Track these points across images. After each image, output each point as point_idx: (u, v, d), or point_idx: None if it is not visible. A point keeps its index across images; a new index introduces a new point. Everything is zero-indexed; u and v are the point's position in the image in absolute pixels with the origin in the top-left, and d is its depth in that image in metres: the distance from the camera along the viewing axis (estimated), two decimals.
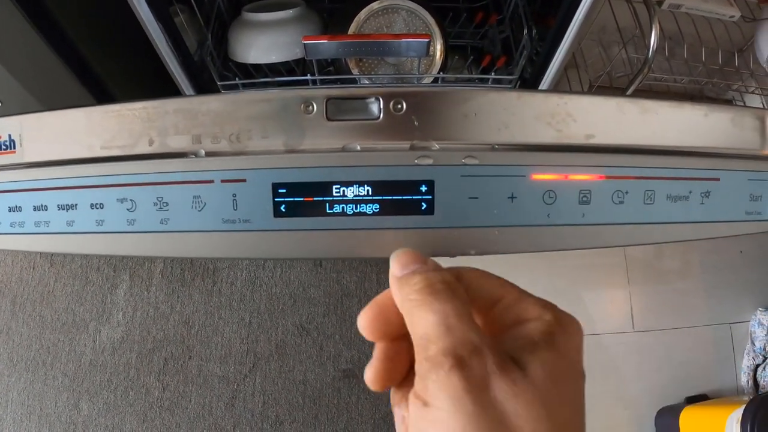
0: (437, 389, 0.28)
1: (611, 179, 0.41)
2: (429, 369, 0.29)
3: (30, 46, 0.89)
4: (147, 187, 0.39)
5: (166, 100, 0.39)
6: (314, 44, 0.83)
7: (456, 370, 0.28)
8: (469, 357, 0.28)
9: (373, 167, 0.38)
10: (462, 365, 0.28)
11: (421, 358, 0.30)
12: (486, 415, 0.27)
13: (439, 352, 0.29)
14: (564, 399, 0.29)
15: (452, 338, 0.29)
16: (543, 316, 0.32)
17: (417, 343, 0.31)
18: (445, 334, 0.30)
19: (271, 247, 0.39)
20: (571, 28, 0.85)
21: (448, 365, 0.28)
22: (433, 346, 0.29)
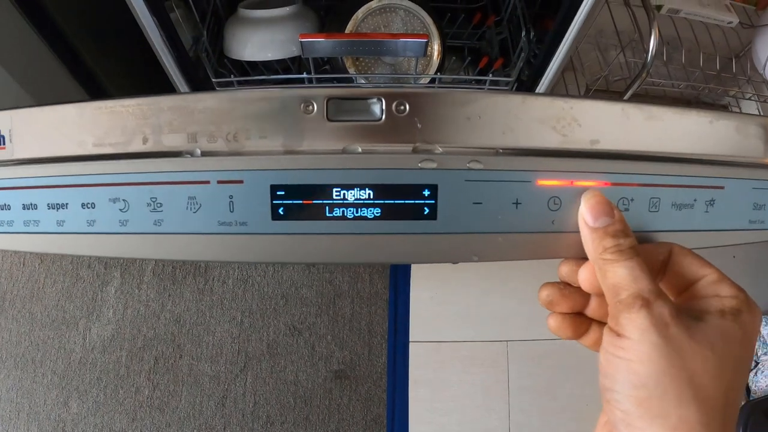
0: (628, 323, 0.35)
1: (617, 186, 0.40)
2: (621, 309, 0.36)
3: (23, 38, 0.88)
4: (140, 186, 0.38)
5: (161, 96, 0.38)
6: (311, 42, 0.83)
7: (644, 308, 0.35)
8: (654, 300, 0.35)
9: (375, 170, 0.37)
10: (648, 305, 0.35)
11: (615, 301, 0.37)
12: (667, 345, 0.34)
13: (630, 295, 0.36)
14: (729, 358, 0.36)
15: (640, 285, 0.36)
16: (738, 296, 0.38)
17: (609, 290, 0.38)
18: (634, 282, 0.36)
19: (269, 250, 0.38)
20: (570, 31, 0.85)
21: (638, 305, 0.35)
22: (625, 291, 0.36)
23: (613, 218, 0.39)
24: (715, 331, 0.36)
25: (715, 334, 0.36)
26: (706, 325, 0.36)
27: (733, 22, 1.19)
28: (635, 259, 0.38)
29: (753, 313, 0.38)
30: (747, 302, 0.38)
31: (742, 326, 0.37)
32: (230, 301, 1.58)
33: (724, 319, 0.36)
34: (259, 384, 1.53)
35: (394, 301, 1.59)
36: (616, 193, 0.40)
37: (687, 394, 0.34)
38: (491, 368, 1.57)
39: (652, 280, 0.37)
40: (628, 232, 0.39)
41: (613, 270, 0.38)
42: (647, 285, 0.36)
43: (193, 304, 1.58)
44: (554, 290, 0.42)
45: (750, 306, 0.38)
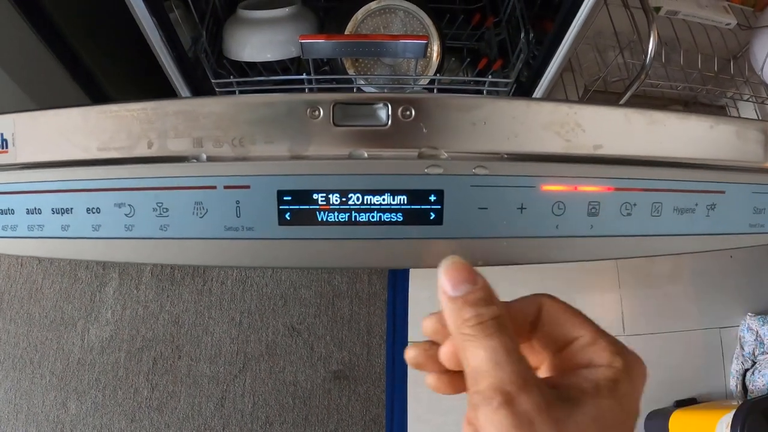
0: (486, 422, 0.31)
1: (620, 191, 0.40)
2: (479, 402, 0.31)
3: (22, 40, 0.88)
4: (146, 191, 0.38)
5: (166, 101, 0.38)
6: (311, 43, 0.83)
7: (504, 406, 0.30)
8: (517, 393, 0.30)
9: (381, 175, 0.37)
10: (509, 402, 0.30)
11: (473, 390, 0.32)
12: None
13: (489, 387, 0.31)
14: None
15: (501, 374, 0.31)
16: (613, 363, 0.33)
17: (469, 375, 0.33)
18: (494, 370, 0.32)
19: (275, 255, 0.38)
20: (569, 33, 0.85)
21: (497, 401, 0.30)
22: (483, 381, 0.32)
23: (475, 285, 0.35)
24: (589, 418, 0.31)
25: (589, 422, 0.31)
26: (579, 411, 0.31)
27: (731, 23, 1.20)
28: (499, 337, 0.33)
29: (632, 377, 0.33)
30: (625, 369, 0.33)
31: (620, 401, 0.32)
32: (229, 302, 1.58)
33: (599, 397, 0.32)
34: (258, 384, 1.53)
35: (392, 301, 1.59)
36: (619, 198, 0.40)
37: None
38: None
39: (521, 363, 0.32)
40: (491, 300, 0.35)
41: (472, 351, 0.33)
42: (510, 374, 0.31)
43: (192, 304, 1.58)
44: (419, 352, 0.38)
45: (629, 372, 0.33)
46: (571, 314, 0.36)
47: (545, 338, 0.37)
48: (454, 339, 0.35)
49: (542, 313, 0.37)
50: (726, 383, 1.69)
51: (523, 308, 0.37)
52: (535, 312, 0.37)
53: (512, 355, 0.32)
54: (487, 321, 0.33)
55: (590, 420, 0.31)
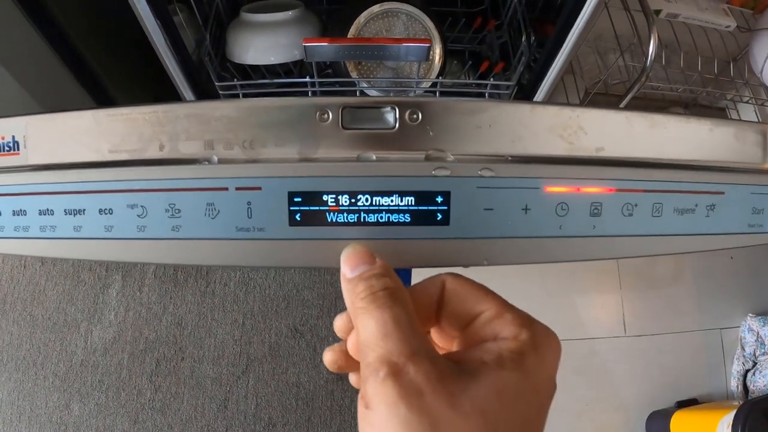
0: (374, 394, 0.30)
1: (621, 192, 0.41)
2: (367, 375, 0.30)
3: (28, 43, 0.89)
4: (159, 193, 0.38)
5: (178, 104, 0.39)
6: (314, 47, 0.83)
7: (390, 377, 0.29)
8: (404, 364, 0.30)
9: (389, 177, 0.38)
10: (396, 373, 0.29)
11: (363, 364, 0.31)
12: (420, 421, 0.28)
13: (376, 359, 0.30)
14: (512, 418, 0.30)
15: (389, 346, 0.30)
16: (519, 336, 0.32)
17: (360, 349, 0.32)
18: (382, 341, 0.31)
19: (286, 255, 0.39)
20: (570, 36, 0.85)
21: (383, 372, 0.29)
22: (371, 353, 0.31)
23: (372, 265, 0.35)
24: (489, 390, 0.30)
25: (489, 395, 0.29)
26: (477, 384, 0.30)
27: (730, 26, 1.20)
28: (390, 309, 0.32)
29: (539, 350, 0.32)
30: (532, 341, 0.32)
31: (527, 373, 0.31)
32: (232, 304, 1.59)
33: (502, 369, 0.30)
34: (261, 386, 1.53)
35: None
36: (621, 199, 0.41)
37: None
38: None
39: (412, 334, 0.31)
40: (386, 274, 0.34)
41: (362, 323, 0.32)
42: (398, 344, 0.30)
43: (195, 306, 1.58)
44: (335, 353, 0.37)
45: (537, 345, 0.32)
46: (474, 289, 0.36)
47: (450, 317, 0.36)
48: (351, 315, 0.34)
49: (445, 291, 0.36)
50: (727, 384, 1.69)
51: (426, 289, 0.36)
52: (438, 292, 0.36)
53: (402, 326, 0.31)
54: (378, 292, 0.33)
55: (490, 392, 0.30)
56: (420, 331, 0.32)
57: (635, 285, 1.72)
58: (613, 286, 1.71)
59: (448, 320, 0.36)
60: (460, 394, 0.29)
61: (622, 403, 1.63)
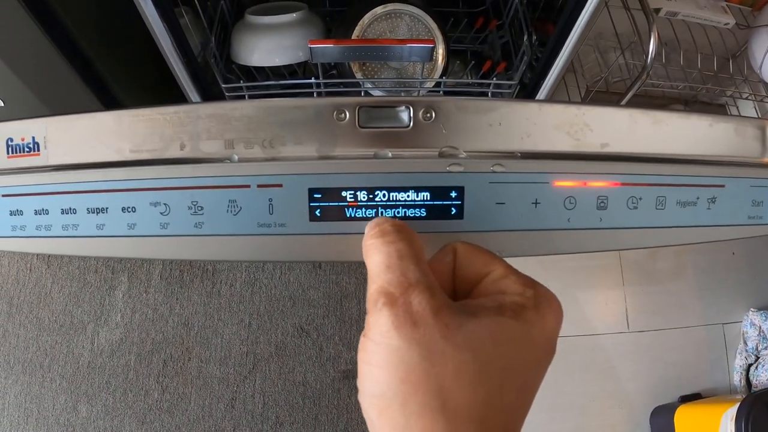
0: (372, 323, 0.31)
1: (626, 186, 0.42)
2: (368, 305, 0.32)
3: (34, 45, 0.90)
4: (182, 191, 0.40)
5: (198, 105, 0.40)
6: (320, 48, 0.84)
7: (386, 306, 0.30)
8: (401, 295, 0.31)
9: (405, 173, 0.40)
10: (392, 302, 0.30)
11: (367, 295, 0.32)
12: (410, 349, 0.29)
13: (376, 289, 0.31)
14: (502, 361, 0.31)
15: (389, 276, 0.32)
16: (524, 293, 0.33)
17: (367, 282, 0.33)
18: (384, 273, 0.32)
19: (306, 250, 0.40)
20: (572, 36, 0.86)
21: (380, 302, 0.30)
22: (373, 284, 0.32)
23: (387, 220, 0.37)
24: (484, 331, 0.31)
25: (483, 334, 0.30)
26: (474, 323, 0.31)
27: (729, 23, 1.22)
28: (395, 243, 0.33)
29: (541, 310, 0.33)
30: (535, 299, 0.33)
31: (525, 324, 0.32)
32: (238, 304, 1.60)
33: (501, 316, 0.31)
34: (268, 385, 1.54)
35: None
36: (626, 193, 0.42)
37: (433, 404, 0.29)
38: None
39: (414, 267, 0.32)
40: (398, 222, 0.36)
41: (370, 257, 0.34)
42: (398, 276, 0.32)
43: (201, 307, 1.59)
44: None
45: (538, 303, 0.33)
46: (482, 253, 0.37)
47: (461, 279, 0.37)
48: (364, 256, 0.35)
49: (457, 256, 0.37)
50: (730, 378, 1.70)
51: (440, 258, 0.37)
52: (452, 258, 0.37)
53: (405, 259, 0.32)
54: (387, 228, 0.35)
55: (484, 331, 0.30)
56: (424, 266, 0.33)
57: (638, 281, 1.73)
58: (615, 282, 1.72)
59: (459, 285, 0.37)
60: (455, 327, 0.30)
61: (626, 398, 1.64)
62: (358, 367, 0.32)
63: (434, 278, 0.33)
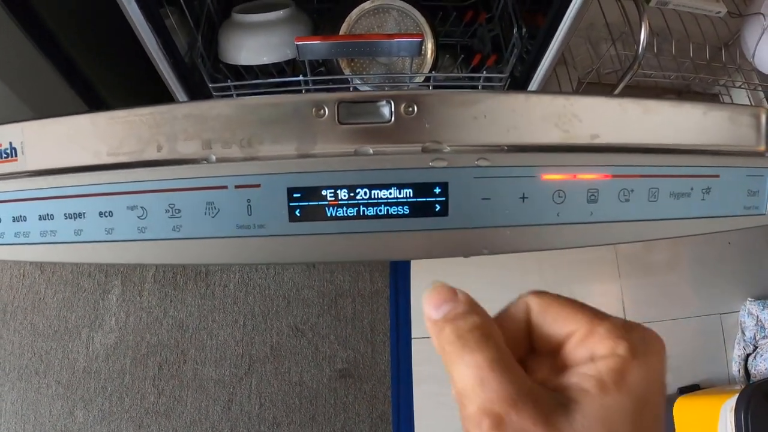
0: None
1: (617, 178, 0.41)
2: (469, 426, 0.28)
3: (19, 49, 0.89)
4: (158, 194, 0.39)
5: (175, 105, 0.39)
6: (307, 45, 0.83)
7: (494, 430, 0.27)
8: (507, 413, 0.27)
9: (387, 170, 0.38)
10: (500, 423, 0.27)
11: (463, 415, 0.29)
12: None
13: (476, 411, 0.28)
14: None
15: (487, 394, 0.28)
16: (617, 351, 0.29)
17: (458, 400, 0.30)
18: (480, 390, 0.28)
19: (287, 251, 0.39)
20: (561, 27, 0.86)
21: (486, 425, 0.27)
22: (470, 404, 0.28)
23: (455, 302, 0.32)
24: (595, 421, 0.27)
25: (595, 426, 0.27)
26: (581, 416, 0.27)
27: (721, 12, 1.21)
28: (482, 351, 0.29)
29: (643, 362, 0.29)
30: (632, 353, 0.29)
31: (631, 392, 0.28)
32: (232, 305, 1.59)
33: (606, 394, 0.28)
34: (264, 386, 1.53)
35: (395, 298, 1.60)
36: (617, 185, 0.41)
37: None
38: None
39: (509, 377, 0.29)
40: (473, 311, 0.32)
41: (457, 371, 0.30)
42: (498, 391, 0.28)
43: (195, 309, 1.58)
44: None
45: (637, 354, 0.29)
46: (561, 306, 0.32)
47: (541, 341, 0.33)
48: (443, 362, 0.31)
49: (531, 314, 0.33)
50: (728, 369, 1.70)
51: (511, 315, 0.34)
52: (525, 316, 0.33)
53: (499, 369, 0.29)
54: (465, 333, 0.31)
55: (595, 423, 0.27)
56: (517, 369, 0.30)
57: (634, 273, 1.72)
58: (612, 275, 1.72)
59: (539, 345, 0.33)
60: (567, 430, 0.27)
61: None
62: None
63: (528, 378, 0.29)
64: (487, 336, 0.30)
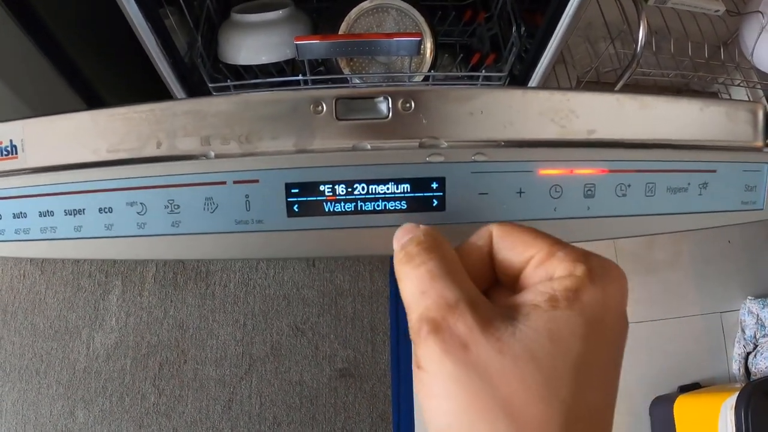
0: (421, 355, 0.28)
1: (614, 173, 0.41)
2: (413, 336, 0.29)
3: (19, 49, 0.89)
4: (158, 189, 0.39)
5: (174, 102, 0.39)
6: (306, 44, 0.84)
7: (431, 334, 0.28)
8: (443, 318, 0.28)
9: (384, 165, 0.39)
10: (437, 329, 0.28)
11: (409, 326, 0.30)
12: (467, 373, 0.27)
13: (416, 318, 0.29)
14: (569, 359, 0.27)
15: (426, 302, 0.29)
16: (574, 272, 0.29)
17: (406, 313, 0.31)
18: (420, 300, 0.29)
19: (285, 246, 0.40)
20: (560, 26, 0.86)
21: (424, 331, 0.28)
22: (412, 313, 0.30)
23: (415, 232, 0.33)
24: (541, 332, 0.27)
25: (540, 336, 0.27)
26: (527, 326, 0.27)
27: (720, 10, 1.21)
28: (424, 264, 0.31)
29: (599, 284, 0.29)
30: (589, 274, 0.29)
31: (584, 310, 0.28)
32: (232, 305, 1.59)
33: (555, 309, 0.28)
34: (265, 385, 1.53)
35: (394, 298, 1.60)
36: (614, 180, 0.42)
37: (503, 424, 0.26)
38: None
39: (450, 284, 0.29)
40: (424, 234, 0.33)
41: (402, 287, 0.31)
42: (435, 299, 0.29)
43: (196, 308, 1.58)
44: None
45: (594, 278, 0.29)
46: (522, 233, 0.33)
47: (502, 268, 0.33)
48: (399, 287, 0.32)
49: (494, 240, 0.33)
50: (729, 367, 1.70)
51: (474, 244, 0.34)
52: (488, 244, 0.34)
53: (438, 279, 0.30)
54: (412, 250, 0.32)
55: (541, 333, 0.27)
56: (461, 278, 0.30)
57: (634, 270, 1.72)
58: None
59: (501, 269, 0.33)
60: (508, 338, 0.27)
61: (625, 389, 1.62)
62: (421, 403, 0.29)
63: (474, 288, 0.30)
64: (430, 250, 0.31)
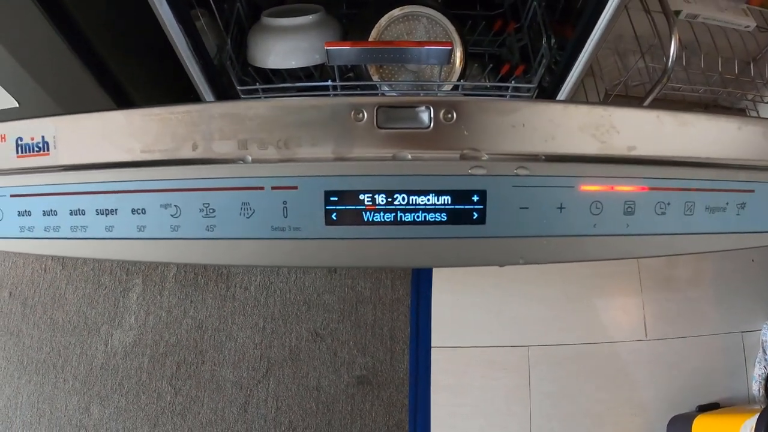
0: None
1: (654, 190, 0.41)
2: None
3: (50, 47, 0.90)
4: (193, 192, 0.39)
5: (211, 104, 0.39)
6: (337, 50, 0.83)
7: None
8: None
9: (425, 176, 0.38)
10: None
11: None
12: None
13: None
14: None
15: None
16: None
17: None
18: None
19: (322, 255, 0.39)
20: (591, 39, 0.85)
21: None
22: None
23: None
24: None
25: None
26: None
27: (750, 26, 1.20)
28: None
29: None
30: None
31: None
32: (252, 308, 1.59)
33: None
34: (282, 390, 1.53)
35: (415, 306, 1.59)
36: (654, 198, 0.41)
37: None
38: (513, 373, 1.57)
39: None
40: None
41: None
42: None
43: (216, 310, 1.59)
44: None
45: None
46: None
47: None
48: None
49: None
50: (749, 388, 1.67)
51: None
52: None
53: None
54: None
55: None
56: None
57: (656, 288, 1.70)
58: (633, 290, 1.70)
59: None
60: None
61: (643, 406, 1.61)
62: None
63: None
64: None
